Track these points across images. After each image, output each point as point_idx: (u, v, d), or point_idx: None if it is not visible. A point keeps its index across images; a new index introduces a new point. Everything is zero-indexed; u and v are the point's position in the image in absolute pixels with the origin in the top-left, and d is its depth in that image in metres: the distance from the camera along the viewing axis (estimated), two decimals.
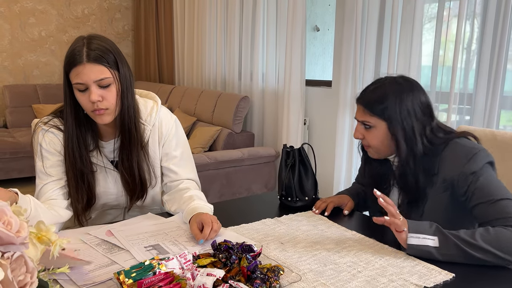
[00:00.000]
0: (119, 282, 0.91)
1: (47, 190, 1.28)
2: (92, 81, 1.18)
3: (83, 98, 1.21)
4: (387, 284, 0.97)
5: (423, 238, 1.09)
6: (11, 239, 0.67)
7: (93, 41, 1.20)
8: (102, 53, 1.18)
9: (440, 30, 2.36)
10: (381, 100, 1.26)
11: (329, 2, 4.56)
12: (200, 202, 1.30)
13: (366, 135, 1.31)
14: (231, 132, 3.54)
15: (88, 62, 1.17)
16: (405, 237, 1.11)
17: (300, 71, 3.24)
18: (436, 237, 1.10)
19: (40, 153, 1.30)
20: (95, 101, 1.19)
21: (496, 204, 1.14)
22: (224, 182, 3.23)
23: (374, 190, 1.15)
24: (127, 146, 1.31)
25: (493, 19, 2.09)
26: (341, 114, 2.94)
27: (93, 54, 1.17)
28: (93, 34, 1.24)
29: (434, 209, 1.26)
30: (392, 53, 2.54)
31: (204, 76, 4.44)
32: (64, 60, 1.21)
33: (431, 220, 1.15)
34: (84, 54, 1.17)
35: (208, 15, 4.20)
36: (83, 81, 1.18)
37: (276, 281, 0.93)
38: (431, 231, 1.11)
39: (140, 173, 1.34)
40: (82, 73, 1.17)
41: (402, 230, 1.12)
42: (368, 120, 1.28)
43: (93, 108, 1.21)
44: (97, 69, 1.18)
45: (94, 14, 5.44)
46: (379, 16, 2.66)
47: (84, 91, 1.20)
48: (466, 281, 1.00)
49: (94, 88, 1.18)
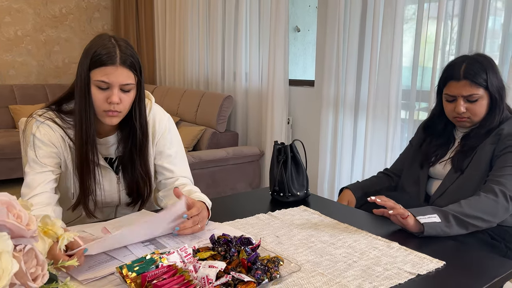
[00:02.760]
0: (122, 276, 0.92)
1: (40, 182, 1.23)
2: (118, 84, 1.20)
3: (101, 96, 1.21)
4: (382, 273, 1.01)
5: (428, 217, 1.22)
6: (22, 232, 0.67)
7: (123, 44, 1.22)
8: (134, 60, 1.22)
9: (420, 31, 2.43)
10: (483, 72, 1.43)
11: (309, 3, 4.63)
12: (200, 195, 1.31)
13: (470, 108, 1.46)
14: (215, 132, 3.55)
15: (121, 65, 1.19)
16: (412, 221, 1.22)
17: (283, 70, 3.28)
18: (435, 214, 1.24)
19: (32, 143, 1.26)
20: (114, 103, 1.20)
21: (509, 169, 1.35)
22: (209, 182, 3.24)
23: (369, 198, 1.29)
24: (132, 149, 1.32)
25: (470, 19, 2.17)
26: (324, 113, 2.99)
27: (127, 59, 1.20)
28: (117, 36, 1.25)
29: (480, 160, 1.43)
30: (374, 53, 2.61)
31: (186, 75, 4.43)
32: (90, 56, 1.19)
33: (472, 173, 1.41)
34: (118, 56, 1.19)
35: (190, 14, 4.20)
36: (110, 81, 1.20)
37: (276, 272, 0.96)
38: (430, 210, 1.25)
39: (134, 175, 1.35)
40: (112, 74, 1.19)
41: (407, 216, 1.22)
42: (476, 92, 1.44)
43: (108, 108, 1.22)
44: (126, 73, 1.21)
45: (72, 13, 5.36)
46: (361, 16, 2.72)
47: (104, 90, 1.21)
48: (456, 268, 1.05)
49: (116, 91, 1.21)
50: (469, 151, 1.47)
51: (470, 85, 1.43)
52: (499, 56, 2.18)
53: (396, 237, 1.22)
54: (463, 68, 1.45)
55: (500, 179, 1.34)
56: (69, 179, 1.32)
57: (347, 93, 2.83)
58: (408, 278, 0.98)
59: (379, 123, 2.65)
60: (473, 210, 1.29)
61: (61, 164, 1.31)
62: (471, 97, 1.44)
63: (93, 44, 1.22)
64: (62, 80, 5.38)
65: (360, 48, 2.76)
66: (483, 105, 1.46)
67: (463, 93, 1.45)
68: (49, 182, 1.25)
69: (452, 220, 1.25)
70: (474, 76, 1.43)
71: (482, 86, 1.43)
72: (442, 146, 1.57)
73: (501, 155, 1.39)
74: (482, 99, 1.45)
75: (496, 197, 1.31)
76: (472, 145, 1.47)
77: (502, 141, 1.40)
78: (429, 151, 1.59)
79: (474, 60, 1.46)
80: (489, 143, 1.43)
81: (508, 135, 1.40)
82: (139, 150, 1.34)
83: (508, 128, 1.42)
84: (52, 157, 1.28)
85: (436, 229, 1.22)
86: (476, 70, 1.43)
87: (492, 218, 1.31)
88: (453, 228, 1.25)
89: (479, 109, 1.45)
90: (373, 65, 2.62)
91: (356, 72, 2.80)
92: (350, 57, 2.78)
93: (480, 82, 1.43)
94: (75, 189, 1.32)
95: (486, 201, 1.31)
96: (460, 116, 1.48)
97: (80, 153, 1.26)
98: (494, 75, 1.45)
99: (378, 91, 2.62)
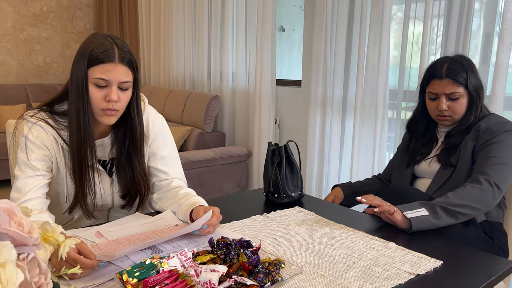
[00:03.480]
0: (122, 282, 0.90)
1: (32, 186, 1.19)
2: (117, 81, 1.19)
3: (99, 94, 1.19)
4: (382, 273, 1.01)
5: (415, 211, 1.25)
6: (24, 240, 0.65)
7: (120, 42, 1.21)
8: (131, 57, 1.22)
9: (406, 31, 2.46)
10: (464, 72, 1.50)
11: (293, 3, 4.64)
12: (199, 199, 1.31)
13: (451, 106, 1.52)
14: (202, 132, 3.53)
15: (120, 63, 1.18)
16: (400, 217, 1.25)
17: (270, 70, 3.28)
18: (423, 207, 1.27)
19: (24, 145, 1.22)
20: (113, 101, 1.19)
21: (491, 160, 1.41)
22: (196, 183, 3.22)
23: (357, 197, 1.35)
24: (129, 149, 1.31)
25: (456, 20, 2.20)
26: (312, 112, 3.00)
27: (125, 56, 1.20)
28: (112, 35, 1.24)
29: (465, 156, 1.48)
30: (362, 53, 2.63)
31: (171, 75, 4.38)
32: (88, 55, 1.17)
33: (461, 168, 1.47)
34: (116, 53, 1.18)
35: (175, 13, 4.16)
36: (109, 79, 1.18)
37: (278, 274, 0.95)
38: (417, 205, 1.28)
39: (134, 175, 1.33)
40: (111, 71, 1.17)
41: (393, 212, 1.25)
42: (457, 91, 1.50)
43: (107, 107, 1.20)
44: (125, 71, 1.20)
45: (53, 11, 5.25)
46: (348, 16, 2.74)
47: (102, 88, 1.19)
48: (453, 267, 1.06)
49: (115, 88, 1.19)
50: (453, 149, 1.53)
51: (452, 84, 1.50)
52: (480, 57, 2.23)
53: (393, 237, 1.23)
54: (446, 68, 1.51)
55: (483, 169, 1.41)
56: (61, 183, 1.28)
57: (335, 93, 2.84)
58: (408, 278, 0.99)
59: (367, 122, 2.67)
60: (460, 199, 1.33)
61: (52, 168, 1.27)
62: (453, 95, 1.50)
63: (89, 43, 1.20)
64: (43, 80, 5.27)
65: (347, 48, 2.78)
66: (463, 103, 1.52)
67: (445, 91, 1.51)
68: (41, 187, 1.21)
69: (440, 211, 1.29)
70: (455, 75, 1.49)
71: (462, 85, 1.50)
72: (426, 144, 1.63)
73: (481, 149, 1.46)
74: (463, 97, 1.51)
75: (481, 185, 1.37)
76: (454, 142, 1.53)
77: (481, 136, 1.47)
78: (415, 150, 1.65)
79: (455, 60, 1.53)
80: (470, 139, 1.49)
81: (485, 130, 1.47)
82: (139, 150, 1.32)
83: (485, 124, 1.48)
84: (44, 161, 1.24)
85: (425, 222, 1.26)
86: (457, 69, 1.50)
87: (480, 205, 1.36)
88: (442, 219, 1.29)
89: (460, 107, 1.52)
90: (360, 65, 2.64)
91: (343, 72, 2.81)
92: (337, 57, 2.79)
93: (461, 81, 1.49)
94: (68, 193, 1.28)
95: (471, 189, 1.36)
96: (442, 114, 1.54)
97: (78, 155, 1.23)
98: (474, 75, 1.52)
99: (366, 91, 2.64)
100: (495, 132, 1.45)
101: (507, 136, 1.44)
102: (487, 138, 1.45)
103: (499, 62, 2.00)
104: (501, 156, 1.41)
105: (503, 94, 2.02)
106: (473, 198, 1.35)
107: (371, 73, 2.60)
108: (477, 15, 2.24)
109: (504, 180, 1.40)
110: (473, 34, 2.21)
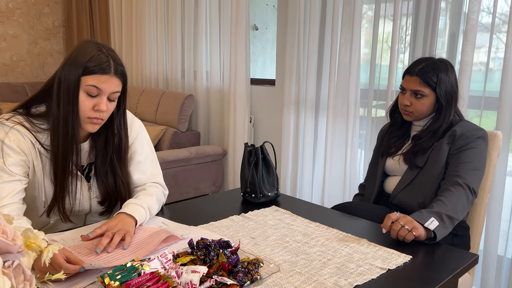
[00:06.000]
0: (104, 286, 0.91)
1: (9, 192, 1.17)
2: (109, 92, 1.22)
3: (89, 102, 1.20)
4: (356, 269, 1.06)
5: (431, 221, 1.26)
6: (9, 247, 0.66)
7: (113, 54, 1.24)
8: (123, 69, 1.25)
9: (377, 30, 2.53)
10: (435, 74, 1.54)
11: (266, 2, 4.68)
12: (137, 201, 1.29)
13: (414, 103, 1.58)
14: (176, 131, 3.52)
15: (115, 75, 1.21)
16: (423, 231, 1.23)
17: (245, 70, 3.30)
18: (431, 217, 1.27)
19: (1, 150, 1.20)
20: (102, 111, 1.21)
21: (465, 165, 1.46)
22: (172, 183, 3.21)
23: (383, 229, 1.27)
24: (112, 157, 1.32)
25: (423, 19, 2.29)
26: (286, 112, 3.04)
27: (119, 69, 1.23)
28: (102, 43, 1.25)
29: (438, 158, 1.54)
30: (334, 52, 2.68)
31: (144, 74, 4.34)
32: (83, 65, 1.18)
33: (431, 169, 1.52)
34: (112, 66, 1.21)
35: (148, 11, 4.11)
36: (102, 89, 1.20)
37: (257, 273, 0.98)
38: (426, 214, 1.28)
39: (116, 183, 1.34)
40: (106, 82, 1.20)
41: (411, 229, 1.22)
42: (422, 90, 1.55)
43: (94, 115, 1.21)
44: (117, 83, 1.23)
45: (20, 8, 5.10)
46: (320, 15, 2.79)
47: (92, 97, 1.21)
48: (421, 261, 1.13)
49: (105, 98, 1.21)
50: (420, 151, 1.58)
51: (420, 82, 1.56)
52: (446, 55, 2.33)
53: (365, 234, 1.29)
54: (420, 67, 1.57)
55: (460, 174, 1.46)
56: (38, 188, 1.27)
57: (308, 92, 2.89)
58: (380, 273, 1.04)
59: (339, 121, 2.74)
60: (457, 207, 1.36)
61: (28, 173, 1.26)
62: (417, 92, 1.56)
63: (82, 52, 1.20)
64: (9, 79, 5.12)
65: (320, 47, 2.83)
66: (426, 104, 1.57)
67: (411, 87, 1.58)
68: (18, 192, 1.20)
69: (446, 220, 1.30)
70: (425, 76, 1.55)
71: (430, 87, 1.55)
72: (401, 137, 1.69)
73: (456, 154, 1.51)
74: (427, 98, 1.56)
75: (464, 191, 1.42)
76: (422, 146, 1.58)
77: (457, 141, 1.52)
78: (390, 141, 1.71)
79: (432, 62, 1.58)
80: (445, 142, 1.55)
81: (460, 135, 1.53)
82: (122, 159, 1.33)
83: (460, 130, 1.54)
84: (21, 166, 1.22)
85: (440, 231, 1.26)
86: (429, 71, 1.55)
87: (466, 211, 1.42)
88: (448, 228, 1.30)
89: (421, 106, 1.57)
90: (332, 64, 2.70)
91: (316, 71, 2.87)
92: (310, 56, 2.84)
93: (429, 82, 1.55)
94: (46, 197, 1.28)
95: (460, 196, 1.40)
96: (404, 108, 1.61)
97: (63, 159, 1.23)
98: (447, 81, 1.56)
99: (338, 90, 2.70)
100: (469, 137, 1.50)
101: (480, 143, 1.50)
102: (462, 144, 1.50)
103: (464, 60, 2.09)
104: (474, 161, 1.47)
105: (467, 92, 2.12)
106: (463, 205, 1.39)
107: (343, 72, 2.66)
108: (443, 14, 2.33)
109: (478, 186, 1.48)
110: (440, 33, 2.31)
